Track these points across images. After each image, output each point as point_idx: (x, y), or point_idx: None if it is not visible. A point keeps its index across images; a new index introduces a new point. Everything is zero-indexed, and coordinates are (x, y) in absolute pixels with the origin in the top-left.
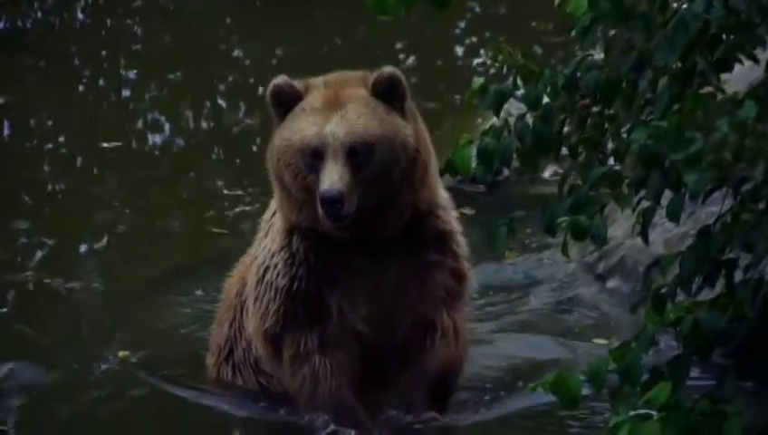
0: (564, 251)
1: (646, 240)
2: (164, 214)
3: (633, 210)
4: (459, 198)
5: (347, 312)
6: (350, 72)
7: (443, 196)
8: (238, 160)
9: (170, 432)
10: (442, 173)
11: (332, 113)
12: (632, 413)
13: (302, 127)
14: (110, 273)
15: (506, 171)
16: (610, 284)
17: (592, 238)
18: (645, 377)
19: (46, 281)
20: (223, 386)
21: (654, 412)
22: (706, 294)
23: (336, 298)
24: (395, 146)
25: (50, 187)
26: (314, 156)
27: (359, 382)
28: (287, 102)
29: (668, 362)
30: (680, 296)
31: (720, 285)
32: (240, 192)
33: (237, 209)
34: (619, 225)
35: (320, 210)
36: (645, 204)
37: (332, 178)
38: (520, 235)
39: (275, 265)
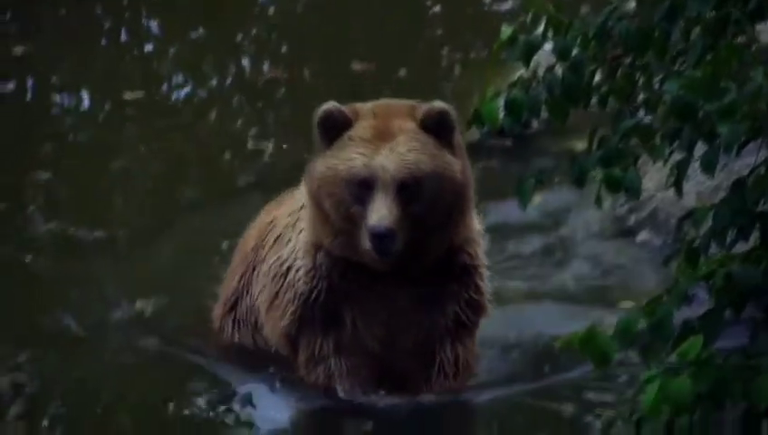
0: (597, 203)
1: (680, 193)
2: (186, 164)
3: (665, 162)
4: (485, 151)
5: (361, 329)
6: (397, 102)
7: (476, 229)
8: (262, 112)
9: (174, 386)
10: (468, 126)
11: (382, 145)
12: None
13: (351, 157)
14: (132, 222)
15: (535, 123)
16: (641, 237)
17: (626, 191)
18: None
19: (70, 231)
20: (226, 342)
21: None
22: (740, 248)
23: (352, 315)
24: (443, 182)
25: (71, 137)
26: (362, 187)
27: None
28: (335, 129)
29: (700, 317)
30: (713, 250)
31: (754, 237)
32: (264, 144)
33: (261, 161)
34: (651, 177)
35: (366, 244)
36: (678, 156)
37: (382, 212)
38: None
39: (297, 269)
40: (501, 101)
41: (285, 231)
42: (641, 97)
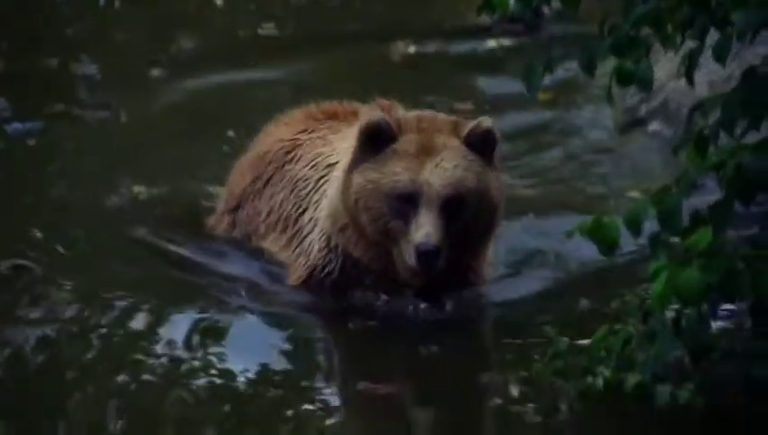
0: (608, 97)
1: (691, 82)
2: (194, 60)
3: (677, 51)
4: (496, 38)
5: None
6: (441, 117)
7: (491, 249)
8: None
9: (167, 284)
10: (479, 12)
11: (427, 160)
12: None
13: (395, 171)
14: (135, 106)
15: (546, 11)
16: (652, 127)
17: (638, 83)
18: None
19: (76, 113)
20: (223, 240)
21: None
22: (752, 138)
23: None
24: (484, 200)
25: (72, 30)
26: (404, 202)
27: None
28: (380, 141)
29: (710, 207)
30: (725, 140)
31: (766, 127)
32: (276, 32)
33: (278, 53)
34: (662, 66)
35: (410, 260)
36: (690, 44)
37: (427, 229)
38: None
39: (314, 239)
40: None
41: (305, 185)
42: None
